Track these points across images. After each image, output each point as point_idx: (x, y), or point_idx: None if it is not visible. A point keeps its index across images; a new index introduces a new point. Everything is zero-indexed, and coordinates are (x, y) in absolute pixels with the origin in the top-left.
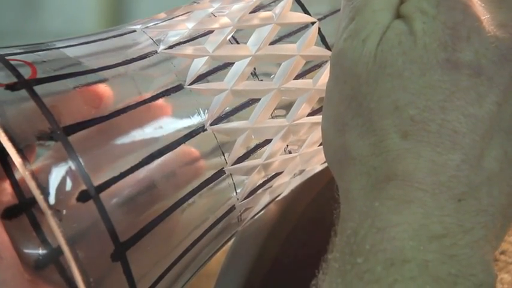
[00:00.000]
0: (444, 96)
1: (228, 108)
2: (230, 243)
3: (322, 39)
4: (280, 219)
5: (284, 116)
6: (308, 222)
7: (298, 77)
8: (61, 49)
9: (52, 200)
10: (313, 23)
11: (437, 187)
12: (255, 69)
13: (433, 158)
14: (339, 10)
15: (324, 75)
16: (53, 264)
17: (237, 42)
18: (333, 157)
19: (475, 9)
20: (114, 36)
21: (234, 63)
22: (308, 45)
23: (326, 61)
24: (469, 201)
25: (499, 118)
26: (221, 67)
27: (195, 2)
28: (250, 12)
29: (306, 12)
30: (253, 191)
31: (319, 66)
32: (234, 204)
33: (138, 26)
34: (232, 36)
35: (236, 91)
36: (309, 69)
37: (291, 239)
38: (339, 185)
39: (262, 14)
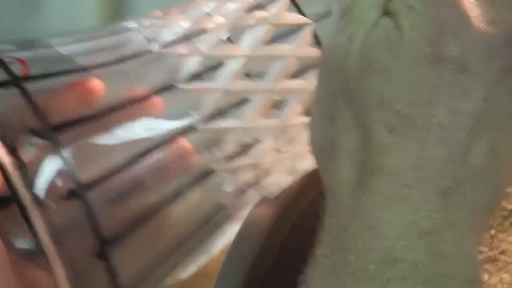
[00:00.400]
0: (430, 91)
1: (220, 107)
2: (230, 243)
3: (317, 41)
4: (280, 219)
5: (277, 116)
6: (308, 222)
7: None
8: (55, 47)
9: (37, 194)
10: (308, 24)
11: (422, 182)
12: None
13: (418, 152)
14: None
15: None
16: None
17: (232, 42)
18: (319, 152)
19: (465, 5)
20: (109, 35)
21: (227, 62)
22: (302, 46)
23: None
24: (454, 196)
25: (485, 114)
26: (214, 66)
27: (191, 1)
28: (245, 12)
29: (301, 13)
30: (243, 189)
31: (313, 67)
32: (224, 203)
33: (133, 25)
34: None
35: (229, 90)
36: (304, 69)
37: (291, 239)
38: (324, 179)
39: (258, 14)
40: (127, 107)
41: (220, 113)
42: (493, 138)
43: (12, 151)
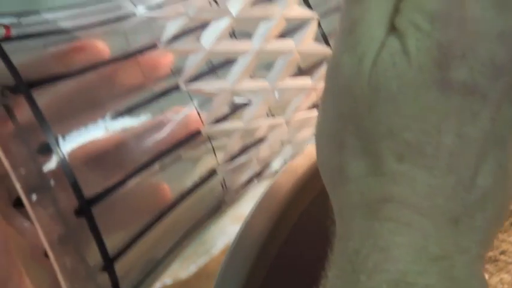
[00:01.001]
0: (439, 118)
1: (204, 68)
2: (230, 243)
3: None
4: (281, 219)
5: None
6: (308, 222)
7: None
8: (42, 14)
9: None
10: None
11: (434, 210)
12: (233, 30)
13: (429, 181)
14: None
15: (305, 36)
16: None
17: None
18: (327, 174)
19: (472, 23)
20: (99, 2)
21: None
22: (290, 6)
23: (309, 21)
24: (465, 220)
25: (493, 133)
26: (199, 27)
27: None
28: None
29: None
30: (235, 156)
31: (301, 28)
32: (215, 169)
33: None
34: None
35: (213, 51)
36: (291, 31)
37: (291, 239)
38: (333, 202)
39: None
40: (107, 66)
41: (205, 74)
42: (500, 155)
43: None
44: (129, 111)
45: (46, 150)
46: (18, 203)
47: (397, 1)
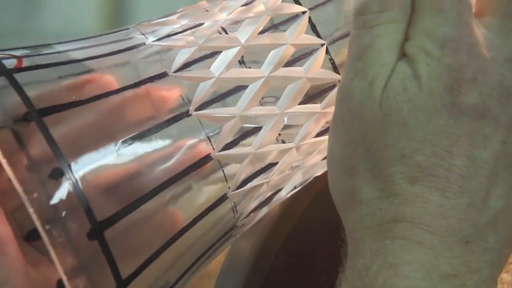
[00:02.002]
0: (450, 141)
1: (214, 95)
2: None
3: (313, 28)
4: (281, 219)
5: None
6: (308, 222)
7: (287, 65)
8: (53, 45)
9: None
10: (303, 13)
11: (446, 230)
12: (242, 57)
13: (441, 202)
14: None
15: (314, 64)
16: None
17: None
18: (339, 198)
19: (481, 48)
20: (107, 34)
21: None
22: (299, 34)
23: (317, 49)
24: (476, 241)
25: (504, 156)
26: (208, 56)
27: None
28: (242, 5)
29: (297, 3)
30: (246, 182)
31: (309, 54)
32: (226, 194)
33: (133, 25)
34: (223, 29)
35: (223, 78)
36: (299, 57)
37: (291, 239)
38: (345, 225)
39: (255, 6)
40: (117, 94)
41: (213, 99)
42: (511, 177)
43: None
44: (140, 137)
45: (58, 176)
46: (29, 237)
47: (407, 28)
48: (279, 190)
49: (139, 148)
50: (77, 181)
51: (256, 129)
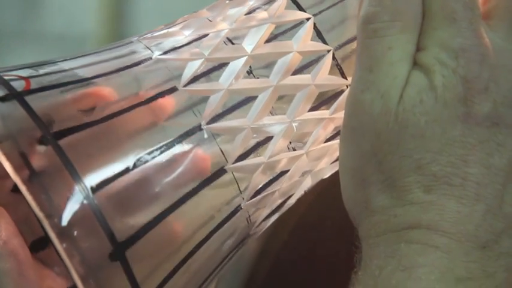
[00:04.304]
0: (466, 150)
1: (224, 107)
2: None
3: (318, 34)
4: (281, 219)
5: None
6: (309, 223)
7: (295, 73)
8: (58, 63)
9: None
10: (308, 19)
11: (463, 236)
12: (250, 67)
13: (458, 209)
14: (333, 5)
15: (322, 70)
16: None
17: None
18: (353, 208)
19: (492, 57)
20: (111, 49)
21: (229, 63)
22: (304, 41)
23: (323, 55)
24: (492, 246)
25: None
26: (216, 68)
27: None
28: (245, 14)
29: (300, 9)
30: (259, 191)
31: (316, 61)
32: (240, 204)
33: (135, 38)
34: (228, 39)
35: (233, 90)
36: (306, 65)
37: (292, 239)
38: (360, 233)
39: (258, 14)
40: (130, 112)
41: (224, 112)
42: None
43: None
44: (153, 151)
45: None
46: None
47: (418, 38)
48: (290, 196)
49: (153, 162)
50: (94, 200)
51: (268, 139)
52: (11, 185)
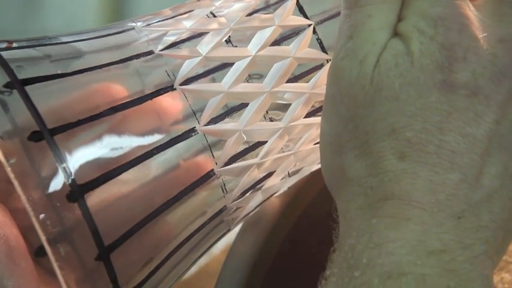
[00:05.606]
0: (441, 117)
1: (220, 111)
2: (231, 243)
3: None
4: (281, 219)
5: (280, 119)
6: (308, 222)
7: (295, 79)
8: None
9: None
10: (309, 26)
11: (435, 206)
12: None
13: (431, 177)
14: (337, 14)
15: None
16: None
17: (232, 44)
18: (330, 177)
19: (473, 28)
20: (112, 34)
21: (226, 65)
22: (302, 48)
23: (322, 64)
24: (469, 218)
25: (498, 135)
26: (216, 69)
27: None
28: (248, 15)
29: (304, 15)
30: (245, 191)
31: (315, 69)
32: (225, 205)
33: (139, 23)
34: (228, 38)
35: (230, 93)
36: (306, 72)
37: (292, 239)
38: (338, 204)
39: (262, 16)
40: (125, 110)
41: (221, 115)
42: (506, 158)
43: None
44: (147, 153)
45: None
46: (38, 253)
47: (399, 9)
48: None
49: (146, 164)
50: (86, 204)
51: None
52: None
